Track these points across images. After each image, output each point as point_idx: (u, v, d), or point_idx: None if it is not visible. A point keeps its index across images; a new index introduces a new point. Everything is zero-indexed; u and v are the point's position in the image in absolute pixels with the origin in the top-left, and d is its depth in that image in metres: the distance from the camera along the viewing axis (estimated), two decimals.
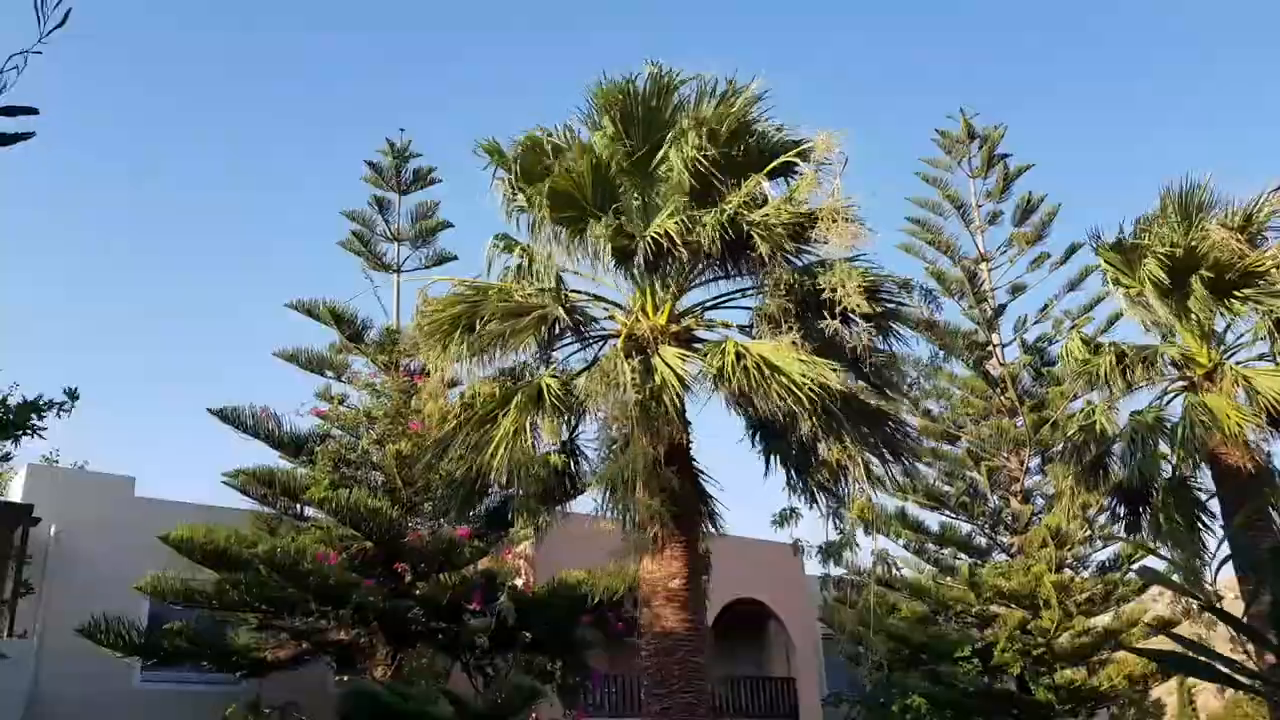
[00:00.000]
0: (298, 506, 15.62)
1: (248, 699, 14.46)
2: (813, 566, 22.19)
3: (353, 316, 16.87)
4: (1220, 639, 27.68)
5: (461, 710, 12.77)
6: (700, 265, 10.63)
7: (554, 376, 10.32)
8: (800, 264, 10.23)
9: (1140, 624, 22.27)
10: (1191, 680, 37.58)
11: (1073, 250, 23.96)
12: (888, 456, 10.52)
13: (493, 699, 13.18)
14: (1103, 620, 22.75)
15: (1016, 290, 24.52)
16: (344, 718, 12.37)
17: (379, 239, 18.31)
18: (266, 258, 58.73)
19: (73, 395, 5.82)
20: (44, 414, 5.76)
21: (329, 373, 16.84)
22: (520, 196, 10.64)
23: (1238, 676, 3.89)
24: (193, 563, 14.00)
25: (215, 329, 59.13)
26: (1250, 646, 9.70)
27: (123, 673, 14.59)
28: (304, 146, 58.74)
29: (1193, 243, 11.78)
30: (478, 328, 10.20)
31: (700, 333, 10.83)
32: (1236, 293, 12.02)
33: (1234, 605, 17.52)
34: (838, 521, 11.03)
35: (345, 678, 15.33)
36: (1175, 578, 14.67)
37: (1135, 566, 20.22)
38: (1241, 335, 13.17)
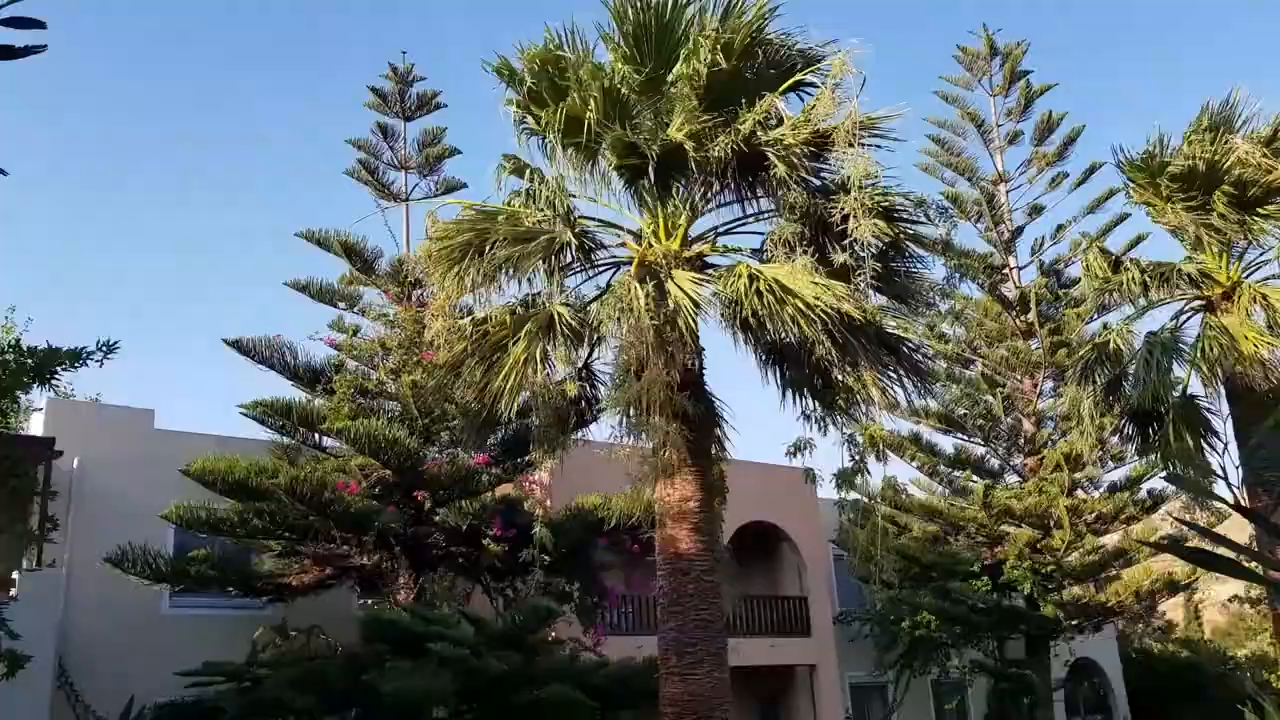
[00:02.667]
0: (316, 436, 15.78)
1: (274, 623, 14.83)
2: (826, 491, 22.45)
3: (363, 248, 16.82)
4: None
5: (482, 631, 13.06)
6: (713, 188, 10.51)
7: (565, 304, 10.30)
8: (816, 184, 10.08)
9: (1149, 542, 22.50)
10: (1199, 595, 38.13)
11: (1093, 170, 23.59)
12: (903, 380, 10.51)
13: (512, 619, 13.46)
14: (1111, 539, 23.01)
15: (1035, 212, 24.25)
16: (367, 640, 12.67)
17: (386, 167, 18.16)
18: (283, 193, 58.44)
19: (110, 347, 5.66)
20: (74, 365, 5.62)
21: (341, 304, 16.87)
22: (530, 119, 10.47)
23: (1259, 569, 3.94)
24: (214, 494, 14.23)
25: (231, 265, 59.16)
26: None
27: (151, 600, 14.96)
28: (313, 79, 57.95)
29: (1217, 157, 11.56)
30: (486, 253, 10.14)
31: (713, 258, 10.75)
32: (1259, 209, 11.84)
33: (1241, 525, 17.66)
34: (852, 447, 11.07)
35: (368, 601, 15.70)
36: (1185, 498, 14.83)
37: (1160, 476, 20.27)
38: (1262, 254, 13.02)
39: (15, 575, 13.37)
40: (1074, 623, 22.50)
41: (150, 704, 9.90)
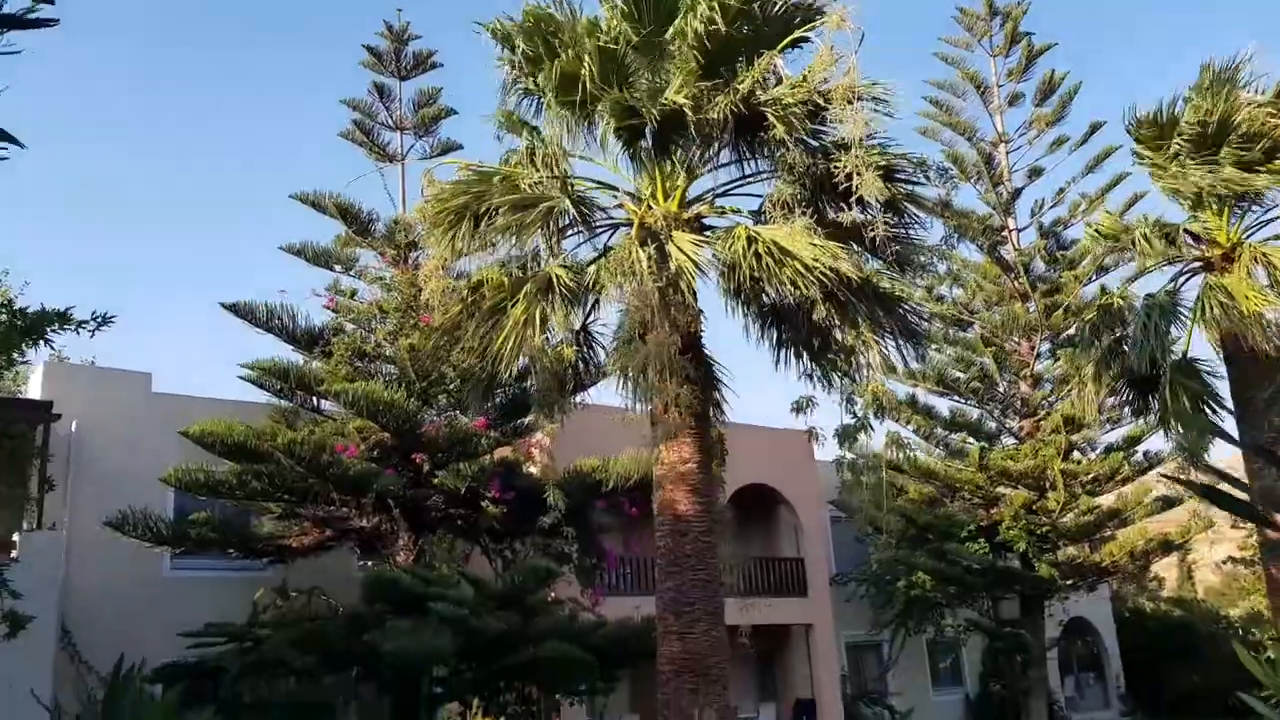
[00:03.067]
0: (314, 400, 15.78)
1: (275, 584, 14.93)
2: (823, 452, 22.56)
3: (359, 210, 16.71)
4: (1221, 515, 28.16)
5: (481, 591, 13.15)
6: (711, 148, 10.42)
7: (563, 266, 10.25)
8: (815, 145, 10.00)
9: (1143, 504, 22.69)
10: (1192, 556, 38.48)
11: (1094, 130, 23.44)
12: (901, 341, 10.52)
13: (511, 580, 13.56)
14: (1106, 500, 23.16)
15: (1034, 174, 24.13)
16: (368, 600, 12.76)
17: (381, 128, 17.97)
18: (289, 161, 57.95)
19: (105, 319, 5.63)
20: (65, 328, 5.60)
21: (337, 266, 16.79)
22: (526, 80, 10.36)
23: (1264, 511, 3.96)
24: (213, 456, 14.25)
25: (233, 229, 58.82)
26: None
27: (152, 561, 15.03)
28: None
29: (1225, 115, 11.48)
30: (483, 219, 10.08)
31: (711, 220, 10.70)
32: (1259, 168, 11.78)
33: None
34: (851, 406, 11.12)
35: (368, 563, 15.80)
36: (1179, 460, 14.91)
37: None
38: (1264, 213, 12.98)
39: (16, 538, 13.43)
40: (1068, 583, 22.72)
41: (139, 661, 9.97)
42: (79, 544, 14.44)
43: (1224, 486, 10.23)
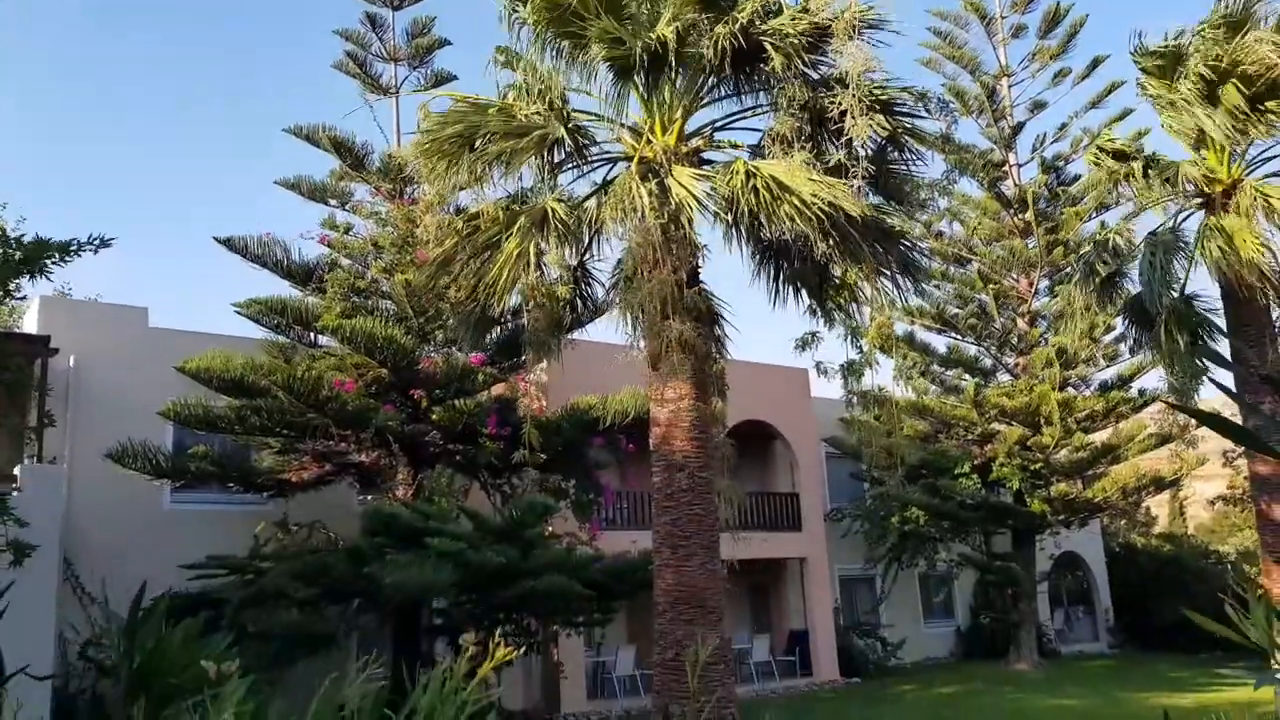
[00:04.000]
0: (311, 335, 15.76)
1: (275, 518, 15.08)
2: (818, 390, 22.64)
3: (353, 143, 16.49)
4: (1213, 453, 28.35)
5: (480, 526, 13.30)
6: (709, 81, 10.26)
7: (559, 200, 10.15)
8: (815, 78, 9.84)
9: (1137, 440, 22.86)
10: (1184, 493, 38.90)
11: (1097, 63, 23.11)
12: (900, 276, 10.48)
13: (509, 515, 13.70)
14: (1100, 436, 23.34)
15: (1036, 107, 23.85)
16: (368, 534, 12.90)
17: (375, 60, 17.66)
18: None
19: (104, 241, 5.56)
20: (65, 258, 5.52)
21: (332, 201, 16.63)
22: (522, 8, 10.15)
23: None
24: (211, 391, 14.28)
25: (233, 170, 58.18)
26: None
27: (153, 495, 15.16)
28: None
29: (1235, 52, 11.28)
30: (478, 147, 9.94)
31: (709, 154, 10.58)
32: (1261, 105, 11.62)
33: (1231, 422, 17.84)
34: (856, 342, 11.13)
35: (368, 497, 15.94)
36: (1172, 398, 14.98)
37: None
38: (1265, 149, 12.85)
39: (17, 470, 13.52)
40: (1060, 518, 23.00)
41: (154, 593, 10.13)
42: (79, 477, 14.54)
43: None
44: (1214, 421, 2.63)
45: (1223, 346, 12.97)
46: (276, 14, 58.86)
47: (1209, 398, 24.49)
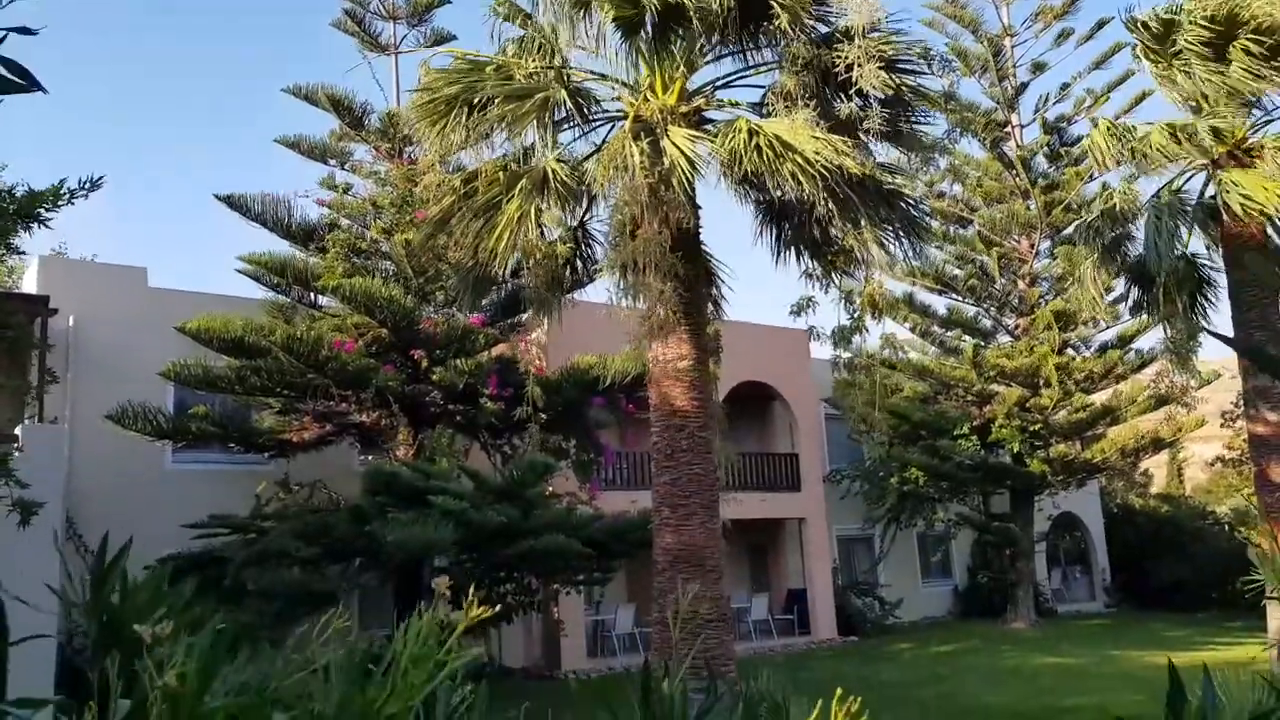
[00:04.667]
0: (311, 295, 15.74)
1: (277, 478, 15.15)
2: (819, 351, 22.66)
3: (352, 102, 16.34)
4: (1212, 415, 28.42)
5: (481, 485, 13.36)
6: (713, 38, 10.13)
7: (559, 160, 10.07)
8: (820, 33, 9.72)
9: (1136, 402, 22.90)
10: (1182, 455, 39.06)
11: (1100, 25, 22.89)
12: (900, 237, 10.42)
13: (510, 475, 13.75)
14: (1099, 398, 23.39)
15: (1039, 68, 23.64)
16: (370, 493, 12.97)
17: (374, 17, 17.44)
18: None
19: (94, 183, 5.49)
20: (57, 204, 5.47)
21: (331, 161, 16.55)
22: None
23: None
24: (211, 351, 14.28)
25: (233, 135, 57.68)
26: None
27: (155, 455, 15.22)
28: None
29: (1236, 9, 11.11)
30: (477, 109, 9.85)
31: (711, 113, 10.47)
32: (1273, 60, 11.47)
33: (1230, 383, 17.89)
34: (849, 307, 11.08)
35: (369, 457, 16.01)
36: (1169, 360, 15.04)
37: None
38: (1273, 109, 12.72)
39: (18, 430, 13.54)
40: (1059, 479, 23.11)
41: (128, 541, 10.22)
42: (81, 438, 14.58)
43: (1215, 384, 10.28)
44: (1255, 354, 2.62)
45: (1223, 310, 12.95)
46: None
47: (1209, 358, 24.49)
